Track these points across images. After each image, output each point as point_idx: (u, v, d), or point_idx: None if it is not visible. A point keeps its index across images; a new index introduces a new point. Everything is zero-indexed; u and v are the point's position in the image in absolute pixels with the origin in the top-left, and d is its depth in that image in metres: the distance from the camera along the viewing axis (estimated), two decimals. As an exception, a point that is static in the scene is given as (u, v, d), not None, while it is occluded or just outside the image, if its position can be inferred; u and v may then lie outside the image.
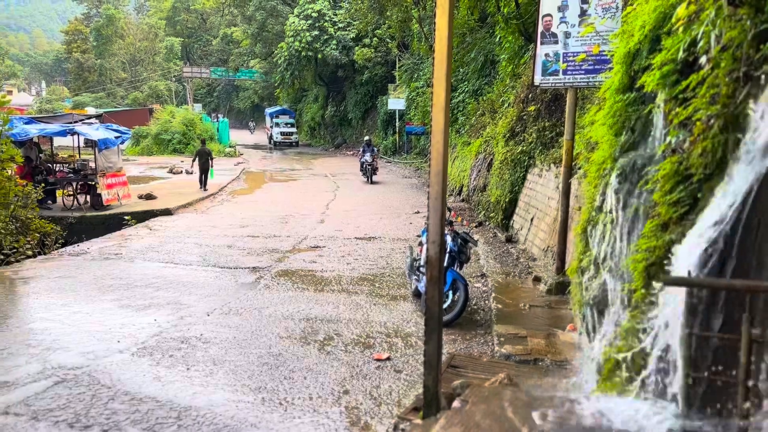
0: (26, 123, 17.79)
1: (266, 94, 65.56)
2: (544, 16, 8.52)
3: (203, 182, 22.58)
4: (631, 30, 4.53)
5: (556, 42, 8.47)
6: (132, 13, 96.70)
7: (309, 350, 6.94)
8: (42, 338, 7.34)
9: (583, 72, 8.30)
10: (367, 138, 27.18)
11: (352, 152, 41.53)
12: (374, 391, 5.84)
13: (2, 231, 12.70)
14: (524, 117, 13.53)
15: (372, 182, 25.52)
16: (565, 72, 8.45)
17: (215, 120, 48.69)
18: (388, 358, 6.66)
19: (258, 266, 11.24)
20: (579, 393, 5.04)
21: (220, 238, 13.97)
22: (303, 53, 44.04)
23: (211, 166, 22.93)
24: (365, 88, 45.10)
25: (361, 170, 26.61)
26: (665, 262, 3.43)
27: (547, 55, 8.58)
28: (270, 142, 53.30)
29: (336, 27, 43.83)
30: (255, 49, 57.46)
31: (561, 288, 8.70)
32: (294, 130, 52.67)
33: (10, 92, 72.90)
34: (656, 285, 3.43)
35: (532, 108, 12.95)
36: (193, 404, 5.52)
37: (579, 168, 9.04)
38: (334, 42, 43.65)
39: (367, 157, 25.93)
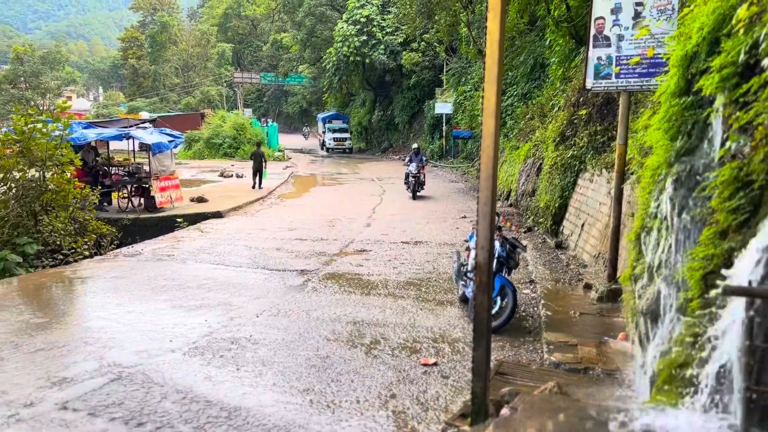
0: (85, 127, 18.45)
1: (314, 98, 66.29)
2: (596, 19, 8.38)
3: (258, 182, 24.44)
4: (688, 32, 4.42)
5: (609, 45, 8.32)
6: (185, 19, 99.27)
7: (356, 353, 6.97)
8: (98, 336, 7.58)
9: (636, 75, 8.13)
10: (415, 146, 23.13)
11: (398, 156, 41.60)
12: (421, 396, 5.82)
13: (62, 232, 13.17)
14: (575, 121, 13.32)
15: (416, 197, 21.69)
16: (618, 75, 8.29)
17: (264, 125, 49.50)
18: (435, 364, 6.63)
19: (306, 269, 11.36)
20: (632, 404, 4.93)
21: (269, 240, 14.18)
22: (351, 58, 44.37)
23: (265, 168, 24.83)
24: (412, 93, 45.13)
25: (405, 183, 22.71)
26: (723, 270, 3.33)
27: (599, 58, 8.43)
28: (322, 148, 51.69)
29: (384, 32, 44.03)
30: (304, 55, 58.14)
31: (613, 296, 8.52)
32: (347, 135, 50.96)
33: (69, 98, 75.64)
34: (715, 294, 3.33)
35: (583, 112, 12.74)
36: (242, 404, 5.61)
37: (632, 173, 8.85)
38: (382, 47, 43.84)
39: (413, 167, 21.84)
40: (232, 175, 29.21)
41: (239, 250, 13.11)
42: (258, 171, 24.44)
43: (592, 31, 8.47)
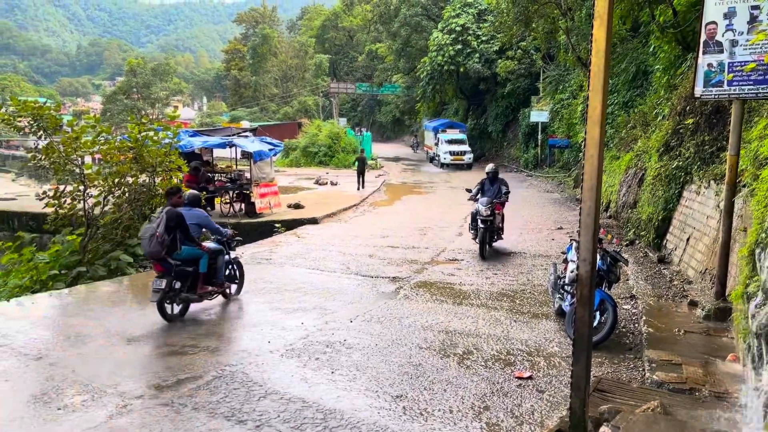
0: (191, 136, 19.46)
1: (407, 108, 66.63)
2: (707, 24, 7.99)
3: (361, 183, 27.45)
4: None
5: (721, 51, 7.91)
6: (285, 31, 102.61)
7: (448, 363, 6.95)
8: (202, 334, 7.95)
9: (751, 83, 7.67)
10: (491, 167, 14.47)
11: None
12: (515, 410, 5.73)
13: (169, 234, 13.89)
14: (681, 130, 12.72)
15: (485, 256, 13.17)
16: (730, 83, 7.86)
17: (359, 134, 50.31)
18: (530, 377, 6.51)
19: (398, 276, 11.44)
20: (744, 430, 4.64)
21: (362, 247, 14.38)
22: (445, 67, 44.38)
23: (367, 170, 27.91)
24: (507, 101, 44.56)
25: (471, 228, 14.19)
26: None
27: (710, 65, 8.03)
28: (431, 162, 43.88)
29: (479, 40, 43.78)
30: (398, 64, 58.66)
31: (721, 314, 8.06)
32: (467, 148, 40.66)
33: (176, 107, 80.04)
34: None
35: (690, 121, 12.15)
36: (337, 407, 5.72)
37: (744, 186, 8.35)
38: (477, 55, 43.59)
39: (483, 203, 13.29)
40: (327, 183, 29.89)
41: (333, 255, 13.38)
42: (361, 173, 27.79)
43: (703, 37, 8.08)
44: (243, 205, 19.40)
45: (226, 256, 9.53)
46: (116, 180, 13.59)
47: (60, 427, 5.30)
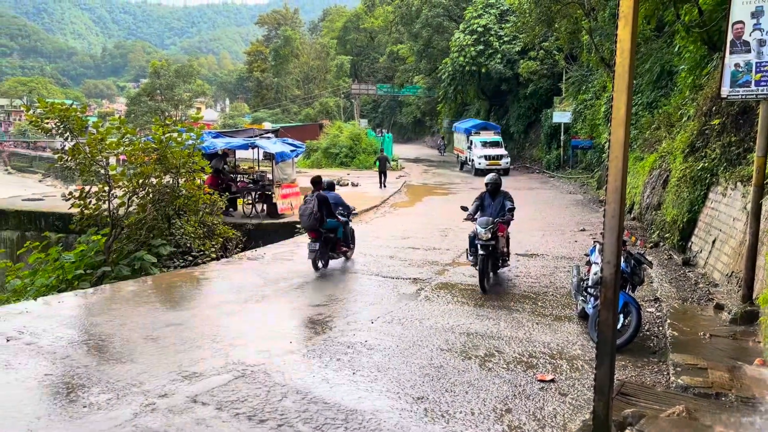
0: (214, 137, 19.64)
1: (428, 109, 66.50)
2: (734, 24, 7.87)
3: (382, 182, 28.50)
4: None
5: (749, 51, 7.78)
6: (306, 33, 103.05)
7: (470, 365, 6.92)
8: (224, 334, 8.02)
9: (780, 82, 7.54)
10: (491, 178, 11.53)
11: (512, 166, 40.70)
12: (538, 413, 5.69)
13: (192, 235, 14.05)
14: (706, 131, 12.54)
15: (486, 289, 10.36)
16: (758, 83, 7.74)
17: (379, 135, 50.31)
18: (553, 380, 6.46)
19: (419, 277, 11.43)
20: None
21: (383, 248, 14.39)
22: (467, 68, 44.25)
23: (388, 169, 28.70)
24: (529, 102, 44.30)
25: (469, 253, 11.03)
26: None
27: (737, 65, 7.91)
28: (462, 169, 39.51)
29: (501, 41, 43.59)
30: (420, 66, 58.62)
31: (748, 318, 7.93)
32: (503, 151, 36.63)
33: (199, 109, 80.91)
34: None
35: (716, 121, 11.97)
36: (358, 408, 5.73)
37: (772, 187, 8.21)
38: (499, 56, 43.40)
39: (482, 224, 10.52)
40: (348, 184, 29.96)
41: (354, 256, 13.39)
42: (383, 172, 28.78)
43: (729, 37, 7.96)
44: (265, 206, 19.51)
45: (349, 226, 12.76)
46: (140, 181, 13.75)
47: (86, 425, 5.37)
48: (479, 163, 35.58)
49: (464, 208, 11.39)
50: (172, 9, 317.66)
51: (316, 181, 12.27)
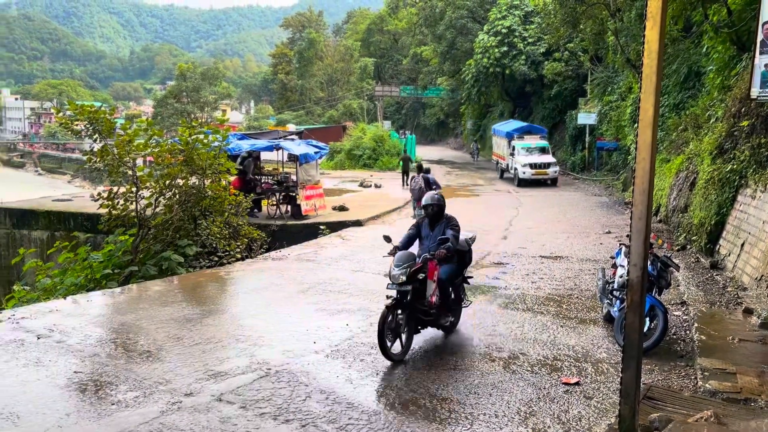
0: (239, 139, 19.81)
1: (451, 110, 66.27)
2: (764, 24, 7.77)
3: (405, 181, 28.42)
4: None
5: (779, 50, 7.66)
6: (330, 35, 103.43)
7: (494, 367, 6.91)
8: (249, 334, 8.09)
9: (812, 83, 7.41)
10: (429, 199, 8.30)
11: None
12: (562, 416, 5.65)
13: (217, 235, 14.20)
14: (735, 133, 12.35)
15: (393, 359, 7.07)
16: (789, 83, 7.61)
17: (402, 136, 50.28)
18: (578, 383, 6.41)
19: (443, 280, 11.39)
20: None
21: (407, 250, 14.37)
22: (491, 69, 44.07)
23: (411, 169, 28.09)
24: (553, 103, 43.98)
25: (379, 335, 6.86)
26: None
27: (767, 65, 7.79)
28: (501, 177, 34.50)
29: (525, 42, 43.34)
30: (443, 67, 58.47)
31: (778, 323, 7.79)
32: (551, 158, 31.59)
33: (224, 111, 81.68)
34: None
35: (746, 123, 11.78)
36: (382, 409, 5.75)
37: (803, 190, 8.06)
38: (523, 57, 43.15)
39: (397, 264, 7.37)
40: (371, 185, 30.01)
41: (377, 258, 13.35)
42: (406, 172, 29.15)
43: (760, 37, 7.85)
44: (289, 207, 19.63)
45: None
46: (167, 182, 13.93)
47: (114, 422, 5.46)
48: (523, 173, 30.67)
49: (387, 239, 8.01)
50: (198, 12, 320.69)
51: (419, 166, 18.47)
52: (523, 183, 30.38)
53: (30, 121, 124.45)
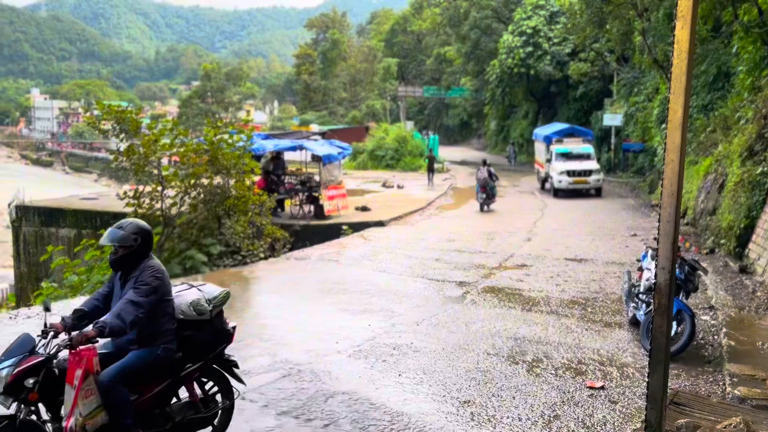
0: (263, 139, 19.94)
1: (474, 111, 65.98)
2: (797, 22, 7.59)
3: (430, 178, 30.85)
4: None
5: (813, 50, 7.49)
6: (354, 36, 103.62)
7: (517, 370, 6.85)
8: (272, 333, 8.13)
9: None
10: (111, 236, 4.77)
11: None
12: (587, 420, 5.59)
13: (241, 235, 14.30)
14: (766, 134, 12.13)
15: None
16: (822, 84, 7.44)
17: (425, 137, 50.16)
18: (602, 387, 6.33)
19: (464, 281, 11.36)
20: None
21: (428, 251, 14.35)
22: (515, 70, 43.79)
23: (435, 169, 31.90)
24: (579, 104, 43.57)
25: None
26: None
27: (800, 65, 7.62)
28: (543, 187, 29.01)
29: (551, 42, 43.01)
30: (467, 68, 58.23)
31: (809, 329, 7.63)
32: (594, 165, 26.68)
33: (248, 111, 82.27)
34: None
35: (777, 124, 11.57)
36: (404, 410, 5.74)
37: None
38: (548, 57, 42.82)
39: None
40: (393, 186, 29.98)
41: (399, 258, 13.40)
42: (431, 170, 31.27)
43: (793, 36, 7.68)
44: (312, 207, 19.70)
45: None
46: (192, 181, 14.07)
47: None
48: (559, 182, 25.98)
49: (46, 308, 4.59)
50: (223, 13, 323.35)
51: (484, 161, 23.02)
52: (560, 193, 26.13)
53: (58, 121, 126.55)
